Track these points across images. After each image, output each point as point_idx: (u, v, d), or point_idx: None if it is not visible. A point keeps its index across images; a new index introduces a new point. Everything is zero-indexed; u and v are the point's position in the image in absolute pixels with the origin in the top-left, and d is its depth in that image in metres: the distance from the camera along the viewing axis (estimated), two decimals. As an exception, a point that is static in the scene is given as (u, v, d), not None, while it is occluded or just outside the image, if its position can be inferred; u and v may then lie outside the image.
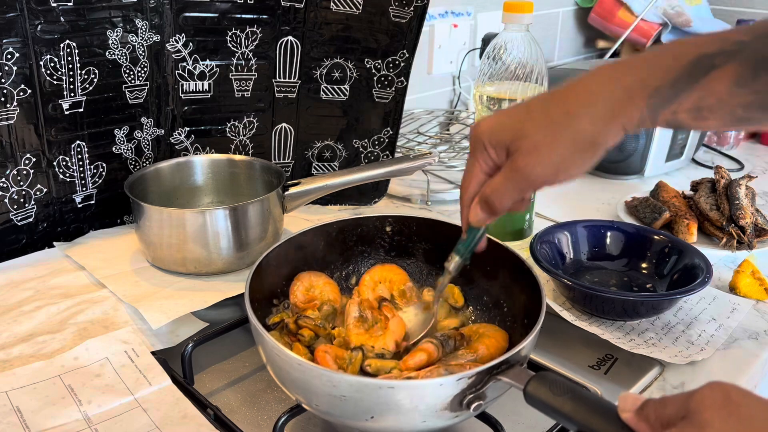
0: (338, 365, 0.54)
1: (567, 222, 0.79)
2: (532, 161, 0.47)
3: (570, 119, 0.46)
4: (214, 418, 0.55)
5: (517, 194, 0.49)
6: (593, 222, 0.79)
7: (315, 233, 0.66)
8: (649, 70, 0.45)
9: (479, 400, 0.46)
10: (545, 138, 0.46)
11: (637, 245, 0.77)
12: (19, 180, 0.76)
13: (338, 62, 0.89)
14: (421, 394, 0.45)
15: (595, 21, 1.54)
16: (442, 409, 0.46)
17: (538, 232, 0.75)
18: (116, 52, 0.79)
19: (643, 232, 0.78)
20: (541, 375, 0.45)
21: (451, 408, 0.46)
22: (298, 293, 0.62)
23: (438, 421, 0.48)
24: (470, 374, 0.45)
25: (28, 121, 0.74)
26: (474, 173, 0.51)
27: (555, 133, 0.46)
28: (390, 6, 0.85)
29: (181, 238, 0.72)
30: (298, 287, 0.63)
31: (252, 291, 0.55)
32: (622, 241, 0.77)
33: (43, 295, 0.70)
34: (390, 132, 0.93)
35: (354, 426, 0.50)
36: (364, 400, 0.46)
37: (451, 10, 1.30)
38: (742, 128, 0.66)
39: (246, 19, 0.85)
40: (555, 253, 0.75)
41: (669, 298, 0.67)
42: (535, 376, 0.45)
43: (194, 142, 0.90)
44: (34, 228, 0.79)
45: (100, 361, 0.59)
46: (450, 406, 0.46)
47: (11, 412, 0.53)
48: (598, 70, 0.47)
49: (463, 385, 0.46)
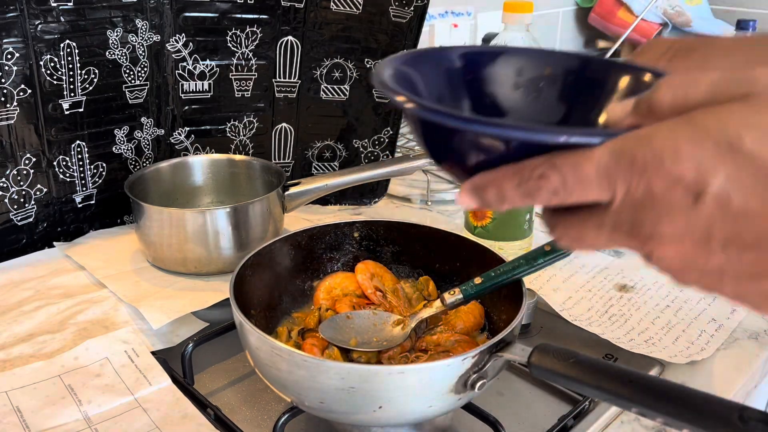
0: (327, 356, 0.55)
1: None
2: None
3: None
4: (215, 418, 0.55)
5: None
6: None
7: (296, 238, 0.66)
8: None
9: (482, 379, 0.48)
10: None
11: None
12: (19, 180, 0.76)
13: (338, 62, 0.89)
14: (430, 377, 0.47)
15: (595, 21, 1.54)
16: (449, 391, 0.48)
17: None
18: (116, 52, 0.79)
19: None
20: (542, 346, 0.46)
21: (456, 390, 0.48)
22: (322, 301, 0.63)
23: (443, 404, 0.49)
24: (474, 353, 0.47)
25: (28, 121, 0.74)
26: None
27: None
28: (390, 6, 0.85)
29: (181, 238, 0.72)
30: (319, 294, 0.64)
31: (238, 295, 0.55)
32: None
33: (43, 295, 0.70)
34: (390, 132, 0.93)
35: (358, 421, 0.50)
36: (374, 390, 0.46)
37: (451, 10, 1.30)
38: None
39: (246, 19, 0.85)
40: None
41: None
42: (537, 348, 0.46)
43: (194, 142, 0.90)
44: (34, 228, 0.79)
45: (100, 361, 0.59)
46: (455, 388, 0.48)
47: (11, 412, 0.53)
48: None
49: (468, 365, 0.47)
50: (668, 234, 0.25)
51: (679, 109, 0.26)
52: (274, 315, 0.63)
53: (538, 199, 0.28)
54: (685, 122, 0.25)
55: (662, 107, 0.26)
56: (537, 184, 0.27)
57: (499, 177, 0.28)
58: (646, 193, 0.25)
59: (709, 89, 0.25)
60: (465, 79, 0.37)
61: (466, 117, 0.28)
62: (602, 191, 0.26)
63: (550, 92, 0.38)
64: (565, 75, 0.37)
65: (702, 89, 0.25)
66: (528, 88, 0.38)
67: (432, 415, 0.50)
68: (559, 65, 0.38)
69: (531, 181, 0.27)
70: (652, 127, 0.26)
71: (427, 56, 0.37)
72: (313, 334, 0.57)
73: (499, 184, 0.28)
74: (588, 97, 0.36)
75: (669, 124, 0.25)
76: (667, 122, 0.25)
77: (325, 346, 0.55)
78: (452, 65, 0.37)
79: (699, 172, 0.24)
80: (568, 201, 0.27)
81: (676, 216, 0.25)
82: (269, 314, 0.62)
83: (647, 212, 0.26)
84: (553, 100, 0.38)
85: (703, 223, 0.25)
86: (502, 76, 0.38)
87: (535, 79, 0.38)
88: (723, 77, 0.25)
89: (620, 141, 0.26)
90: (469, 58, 0.38)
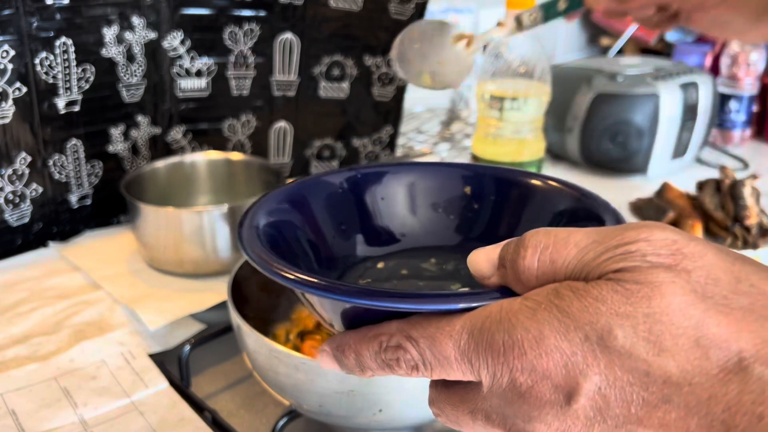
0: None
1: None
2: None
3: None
4: (212, 421, 0.54)
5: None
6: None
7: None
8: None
9: None
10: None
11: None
12: (15, 180, 0.75)
13: (338, 60, 0.88)
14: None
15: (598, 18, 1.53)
16: None
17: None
18: (112, 50, 0.78)
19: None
20: None
21: None
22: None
23: None
24: None
25: (23, 119, 0.73)
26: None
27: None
28: (390, 2, 0.85)
29: (178, 238, 0.71)
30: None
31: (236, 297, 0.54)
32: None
33: (39, 296, 0.70)
34: (391, 130, 0.92)
35: (358, 424, 0.50)
36: (373, 393, 0.45)
37: (452, 7, 1.29)
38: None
39: (244, 16, 0.84)
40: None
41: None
42: None
43: (191, 141, 0.89)
44: (29, 228, 0.79)
45: (96, 363, 0.59)
46: None
47: (6, 414, 0.53)
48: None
49: None
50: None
51: (547, 278, 0.23)
52: (273, 317, 0.62)
53: (399, 372, 0.25)
54: (549, 305, 0.22)
55: (529, 275, 0.23)
56: (395, 354, 0.24)
57: (358, 341, 0.26)
58: (511, 385, 0.22)
59: (578, 258, 0.23)
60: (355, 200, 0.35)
61: (306, 280, 0.25)
62: (466, 374, 0.24)
63: (449, 210, 0.36)
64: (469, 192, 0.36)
65: (570, 257, 0.23)
66: (426, 207, 0.36)
67: (433, 418, 0.49)
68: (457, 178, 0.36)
69: (388, 351, 0.25)
70: (514, 304, 0.23)
71: (310, 186, 0.35)
72: (312, 337, 0.56)
73: (357, 349, 0.26)
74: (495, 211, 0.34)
75: (531, 304, 0.22)
76: (531, 299, 0.23)
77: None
78: (333, 190, 0.35)
79: (568, 369, 0.21)
80: (431, 377, 0.25)
81: (547, 416, 0.22)
82: (267, 316, 0.61)
83: (517, 406, 0.23)
84: (456, 218, 0.35)
85: (581, 426, 0.22)
86: (394, 195, 0.36)
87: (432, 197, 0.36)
88: (591, 244, 0.23)
89: (479, 317, 0.23)
90: (353, 179, 0.36)
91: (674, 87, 1.02)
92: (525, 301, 0.23)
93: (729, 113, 1.23)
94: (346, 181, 0.36)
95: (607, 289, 0.21)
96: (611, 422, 0.21)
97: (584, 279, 0.22)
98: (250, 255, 0.28)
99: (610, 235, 0.22)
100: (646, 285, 0.21)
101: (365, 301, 0.24)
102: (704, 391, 0.20)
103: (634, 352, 0.21)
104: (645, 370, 0.21)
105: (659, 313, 0.21)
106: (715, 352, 0.20)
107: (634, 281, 0.21)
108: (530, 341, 0.22)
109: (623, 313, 0.21)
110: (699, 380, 0.20)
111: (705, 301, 0.21)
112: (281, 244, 0.31)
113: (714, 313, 0.20)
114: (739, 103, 1.21)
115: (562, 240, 0.23)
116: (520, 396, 0.22)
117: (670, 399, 0.20)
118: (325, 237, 0.34)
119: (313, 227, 0.34)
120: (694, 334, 0.20)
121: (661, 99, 1.00)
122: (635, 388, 0.21)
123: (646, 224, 0.22)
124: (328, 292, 0.24)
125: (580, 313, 0.21)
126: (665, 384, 0.20)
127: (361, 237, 0.35)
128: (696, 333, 0.20)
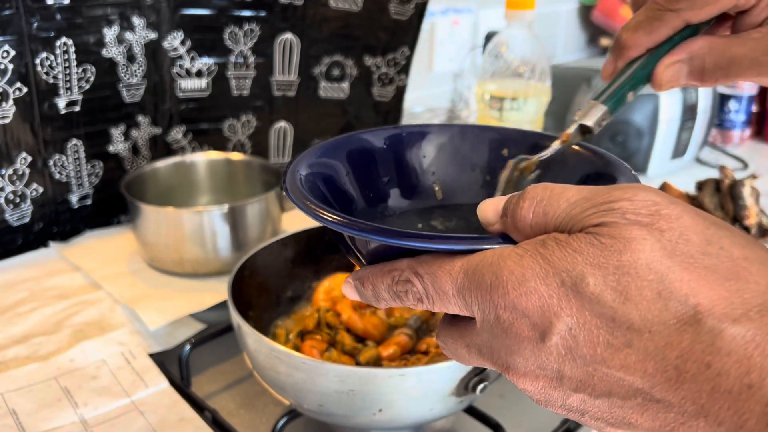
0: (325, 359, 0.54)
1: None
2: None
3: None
4: (212, 420, 0.54)
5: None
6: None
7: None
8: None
9: (484, 381, 0.48)
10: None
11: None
12: (15, 180, 0.75)
13: (338, 60, 0.88)
14: (431, 380, 0.46)
15: (598, 18, 1.54)
16: (450, 394, 0.47)
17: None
18: (113, 50, 0.78)
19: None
20: None
21: (458, 392, 0.47)
22: (321, 302, 0.62)
23: (444, 407, 0.48)
24: None
25: (23, 120, 0.73)
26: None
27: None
28: (390, 3, 0.85)
29: (178, 238, 0.71)
30: (318, 295, 0.63)
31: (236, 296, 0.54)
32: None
33: (39, 296, 0.70)
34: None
35: (358, 424, 0.50)
36: (373, 392, 0.46)
37: (452, 7, 1.29)
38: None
39: (244, 16, 0.84)
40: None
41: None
42: None
43: (192, 141, 0.89)
44: (29, 228, 0.79)
45: (96, 363, 0.59)
46: (456, 391, 0.47)
47: (7, 414, 0.53)
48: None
49: (469, 367, 0.47)
50: (521, 368, 0.25)
51: (539, 228, 0.25)
52: (273, 317, 0.62)
53: (407, 303, 0.28)
54: (534, 252, 0.24)
55: (524, 224, 0.26)
56: (404, 288, 0.28)
57: (375, 274, 0.29)
58: (496, 321, 0.25)
59: (566, 212, 0.25)
60: (389, 158, 0.38)
61: (332, 218, 0.29)
62: (462, 309, 0.26)
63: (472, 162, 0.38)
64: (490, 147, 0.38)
65: (560, 210, 0.25)
66: (454, 162, 0.38)
67: (432, 418, 0.50)
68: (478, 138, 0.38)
69: (399, 284, 0.28)
70: (506, 250, 0.25)
71: (350, 142, 0.38)
72: (312, 336, 0.56)
73: (374, 281, 0.29)
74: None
75: (520, 251, 0.25)
76: (520, 247, 0.25)
77: (324, 349, 0.55)
78: (374, 146, 0.38)
79: (544, 310, 0.24)
80: (434, 310, 0.27)
81: (525, 351, 0.25)
82: (267, 316, 0.61)
83: (500, 341, 0.25)
84: (478, 171, 0.38)
85: (553, 362, 0.24)
86: (422, 154, 0.38)
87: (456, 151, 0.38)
88: (580, 200, 0.25)
89: (475, 260, 0.26)
90: (391, 138, 0.38)
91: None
92: (516, 249, 0.25)
93: (728, 113, 1.23)
94: (389, 138, 0.38)
95: (585, 242, 0.23)
96: (579, 361, 0.23)
97: (569, 231, 0.24)
98: (290, 197, 0.32)
99: (599, 193, 0.24)
100: (619, 240, 0.23)
101: (379, 237, 0.27)
102: (662, 338, 0.22)
103: (602, 299, 0.23)
104: (611, 316, 0.23)
105: (628, 266, 0.22)
106: (674, 305, 0.22)
107: (609, 236, 0.23)
108: (513, 282, 0.24)
109: (596, 263, 0.23)
110: (658, 329, 0.22)
111: (672, 258, 0.22)
112: (322, 192, 0.35)
113: (678, 270, 0.22)
114: (739, 103, 1.22)
115: (557, 195, 0.25)
116: (504, 331, 0.25)
117: (631, 343, 0.22)
118: (364, 189, 0.37)
119: (356, 178, 0.37)
120: (657, 287, 0.22)
121: (661, 99, 1.00)
122: (602, 332, 0.23)
123: (634, 186, 0.24)
124: (349, 228, 0.28)
125: (559, 261, 0.24)
126: (628, 330, 0.22)
127: (397, 191, 0.38)
128: (659, 286, 0.22)
